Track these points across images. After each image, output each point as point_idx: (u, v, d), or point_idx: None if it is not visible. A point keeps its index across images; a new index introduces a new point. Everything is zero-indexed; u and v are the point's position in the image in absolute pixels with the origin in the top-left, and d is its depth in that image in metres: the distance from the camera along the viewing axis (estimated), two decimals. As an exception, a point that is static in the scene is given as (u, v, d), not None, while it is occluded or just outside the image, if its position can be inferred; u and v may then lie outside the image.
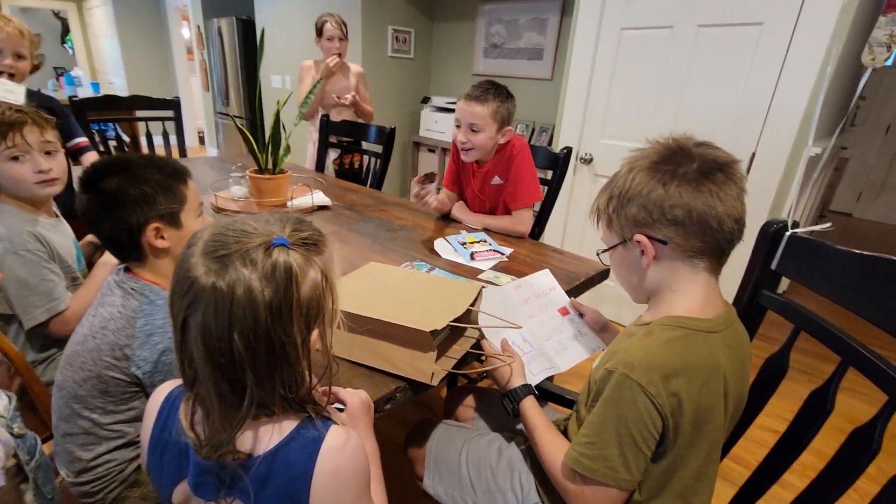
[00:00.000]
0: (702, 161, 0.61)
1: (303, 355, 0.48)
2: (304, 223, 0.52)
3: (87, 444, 0.74)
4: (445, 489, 0.83)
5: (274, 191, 1.53)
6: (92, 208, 0.73)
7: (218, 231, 0.48)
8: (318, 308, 0.49)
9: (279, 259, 0.46)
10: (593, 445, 0.61)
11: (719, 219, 0.59)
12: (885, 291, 0.57)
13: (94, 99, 2.29)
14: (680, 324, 0.62)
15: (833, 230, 3.72)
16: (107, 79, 6.50)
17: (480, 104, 1.31)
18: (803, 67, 1.65)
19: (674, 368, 0.57)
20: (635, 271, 0.67)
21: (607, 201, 0.67)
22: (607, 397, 0.60)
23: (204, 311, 0.44)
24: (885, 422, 0.56)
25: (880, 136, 4.58)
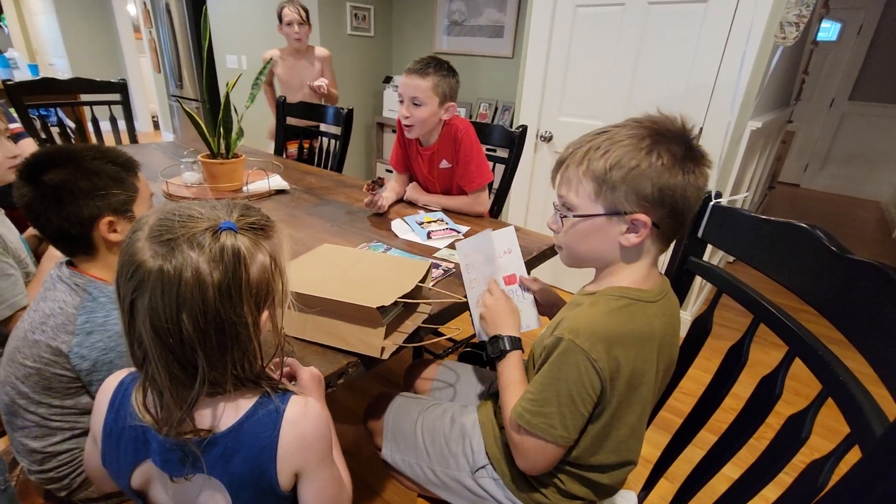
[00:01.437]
0: (699, 155, 0.63)
1: (253, 335, 0.50)
2: (251, 209, 0.53)
3: (40, 436, 0.74)
4: (402, 456, 0.87)
5: (228, 176, 1.51)
6: (36, 202, 0.70)
7: (164, 216, 0.48)
8: (267, 290, 0.51)
9: (227, 242, 0.47)
10: (535, 402, 0.65)
11: (692, 215, 0.66)
12: (789, 253, 0.63)
13: (32, 82, 2.14)
14: (624, 294, 0.66)
15: (781, 201, 3.90)
16: (47, 60, 6.08)
17: (421, 77, 1.31)
18: (744, 44, 1.72)
19: (615, 336, 0.62)
20: (606, 244, 0.67)
21: (609, 168, 0.62)
22: (553, 360, 0.64)
23: (151, 293, 0.45)
24: (786, 370, 0.62)
25: (825, 109, 4.82)
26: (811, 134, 4.94)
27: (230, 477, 0.51)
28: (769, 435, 0.62)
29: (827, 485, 0.49)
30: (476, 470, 0.81)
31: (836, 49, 4.62)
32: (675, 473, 0.81)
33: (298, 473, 0.54)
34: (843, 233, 3.79)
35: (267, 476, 0.52)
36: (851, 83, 4.63)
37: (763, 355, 0.69)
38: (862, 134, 4.72)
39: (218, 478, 0.51)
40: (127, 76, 5.36)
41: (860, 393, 0.49)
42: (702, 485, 0.74)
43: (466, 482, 0.81)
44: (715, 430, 0.73)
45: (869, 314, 0.49)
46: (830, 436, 0.53)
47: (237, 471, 0.51)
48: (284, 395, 0.54)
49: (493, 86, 3.24)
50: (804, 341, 0.59)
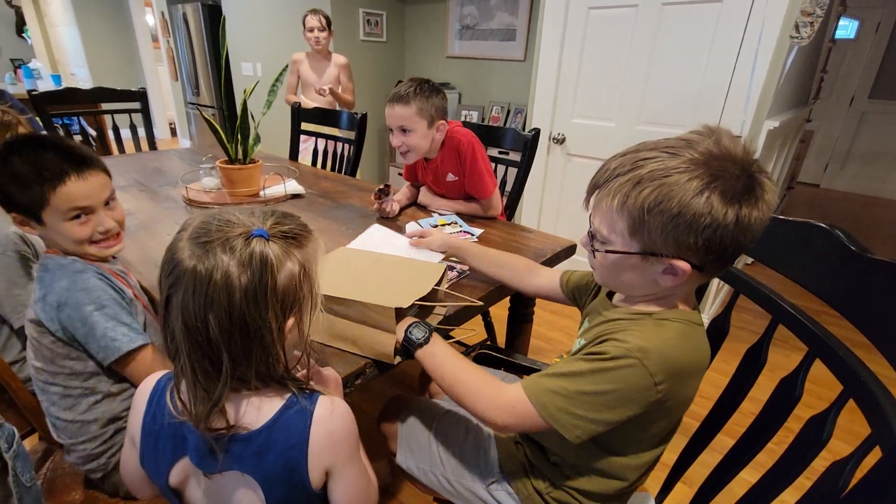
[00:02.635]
0: (761, 190, 0.54)
1: (277, 340, 0.52)
2: (289, 217, 0.55)
3: (67, 407, 0.79)
4: (417, 463, 0.87)
5: (245, 181, 1.54)
6: None
7: (207, 218, 0.52)
8: (294, 297, 0.52)
9: (256, 248, 0.49)
10: (568, 399, 0.59)
11: (746, 251, 0.57)
12: (808, 253, 0.62)
13: (55, 92, 2.22)
14: (686, 318, 0.61)
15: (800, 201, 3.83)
16: (68, 70, 6.25)
17: (403, 105, 1.30)
18: (760, 43, 1.71)
19: (682, 365, 0.58)
20: (642, 281, 0.61)
21: (647, 209, 0.54)
22: (609, 368, 0.57)
23: (184, 291, 0.48)
24: (806, 371, 0.62)
25: (844, 107, 4.72)
26: (831, 133, 4.84)
27: (263, 474, 0.53)
28: (787, 439, 0.62)
29: (848, 486, 0.48)
30: (490, 483, 0.80)
31: (854, 47, 4.53)
32: (692, 477, 0.81)
33: (329, 471, 0.56)
34: (865, 233, 3.71)
35: (298, 473, 0.54)
36: (871, 81, 4.53)
37: (783, 359, 0.69)
38: (883, 132, 4.61)
39: (251, 474, 0.53)
40: (145, 85, 5.49)
41: (882, 393, 0.49)
42: (720, 489, 0.73)
43: (480, 493, 0.81)
44: (733, 433, 0.73)
45: (890, 314, 0.49)
46: (850, 439, 0.52)
47: (270, 468, 0.53)
48: (312, 396, 0.56)
49: (505, 89, 3.25)
50: (824, 342, 0.58)
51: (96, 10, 5.57)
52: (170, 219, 1.37)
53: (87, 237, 0.78)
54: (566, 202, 2.44)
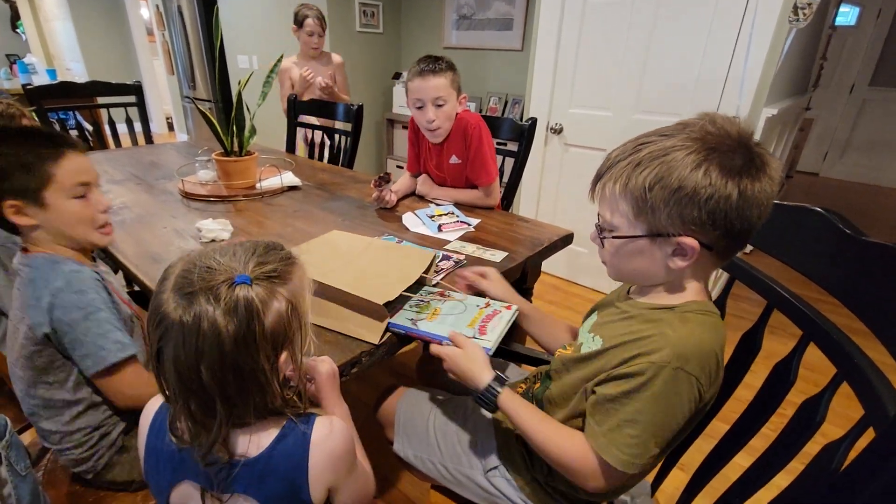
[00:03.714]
0: (764, 163, 0.54)
1: (271, 378, 0.52)
2: (271, 252, 0.55)
3: (49, 417, 0.78)
4: (414, 452, 0.88)
5: (241, 173, 1.53)
6: None
7: (187, 266, 0.51)
8: (285, 334, 0.52)
9: (240, 295, 0.48)
10: (645, 445, 0.58)
11: (757, 229, 0.57)
12: (804, 238, 0.62)
13: (50, 86, 2.20)
14: (705, 309, 0.60)
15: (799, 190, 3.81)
16: (64, 65, 6.21)
17: (438, 76, 1.28)
18: (759, 29, 1.69)
19: (717, 358, 0.58)
20: (654, 266, 0.60)
21: (648, 188, 0.55)
22: (659, 394, 0.56)
23: (174, 343, 0.48)
24: (800, 355, 0.62)
25: (844, 95, 4.69)
26: (830, 121, 4.82)
27: (266, 496, 0.54)
28: (781, 424, 0.62)
29: (841, 467, 0.48)
30: (489, 470, 0.81)
31: (854, 34, 4.49)
32: (687, 463, 0.81)
33: (331, 487, 0.57)
34: (865, 221, 3.70)
35: (301, 493, 0.54)
36: (872, 68, 4.50)
37: (780, 346, 0.68)
38: (884, 120, 4.58)
39: (254, 496, 0.54)
40: (141, 79, 5.46)
41: (875, 375, 0.49)
42: (714, 473, 0.74)
43: (479, 480, 0.81)
44: (727, 419, 0.73)
45: (886, 297, 0.49)
46: (844, 423, 0.53)
47: (272, 490, 0.54)
48: (309, 419, 0.56)
49: (502, 79, 3.23)
50: (818, 326, 0.58)
51: (91, 4, 5.53)
52: (166, 212, 1.37)
53: (90, 217, 0.77)
54: (564, 192, 2.43)
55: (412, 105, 1.35)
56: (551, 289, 2.50)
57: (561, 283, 2.56)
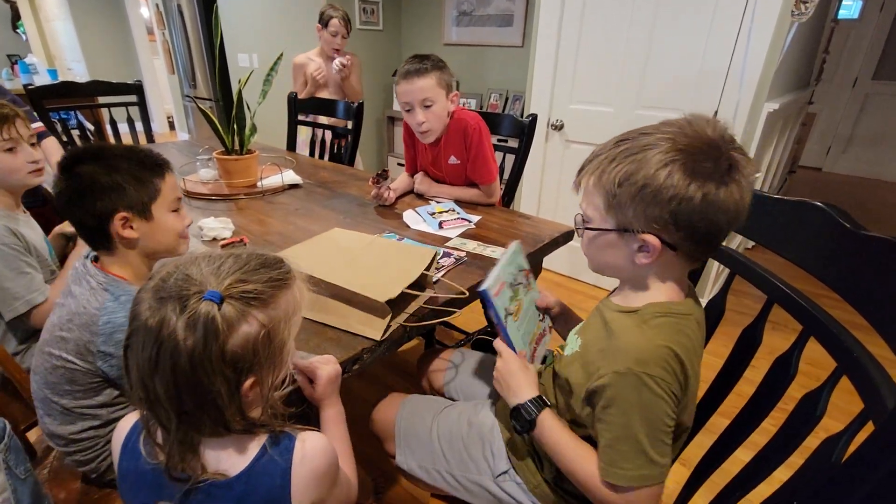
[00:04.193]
0: (737, 165, 0.54)
1: (229, 402, 0.49)
2: (261, 271, 0.52)
3: (63, 423, 0.77)
4: (419, 462, 0.86)
5: (242, 171, 1.54)
6: (64, 192, 0.74)
7: (171, 270, 0.50)
8: (251, 360, 0.49)
9: (202, 311, 0.46)
10: (643, 455, 0.58)
11: (726, 233, 0.57)
12: (804, 232, 0.62)
13: (51, 86, 2.20)
14: (669, 311, 0.61)
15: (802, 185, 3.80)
16: (65, 65, 6.22)
17: (424, 77, 1.27)
18: (761, 23, 1.68)
19: (678, 355, 0.58)
20: (622, 260, 0.62)
21: (618, 184, 0.57)
22: (631, 402, 0.57)
23: (137, 346, 0.47)
24: (801, 349, 0.62)
25: (847, 90, 4.66)
26: (833, 115, 4.79)
27: None
28: (782, 419, 0.62)
29: (841, 460, 0.48)
30: (498, 475, 0.80)
31: (857, 27, 4.46)
32: (688, 458, 0.81)
33: (315, 502, 0.56)
34: (868, 216, 3.69)
35: None
36: (875, 62, 4.47)
37: (781, 341, 0.68)
38: (887, 114, 4.55)
39: None
40: (142, 78, 5.46)
41: (875, 369, 0.49)
42: (715, 468, 0.74)
43: (489, 486, 0.80)
44: (728, 414, 0.73)
45: (886, 291, 0.49)
46: (842, 417, 0.53)
47: None
48: (289, 439, 0.54)
49: (503, 75, 3.22)
50: (818, 320, 0.59)
51: (91, 4, 5.53)
52: (168, 211, 1.37)
53: (181, 229, 0.84)
54: (565, 188, 2.43)
55: (402, 108, 1.35)
56: (553, 286, 2.50)
57: (563, 280, 2.56)
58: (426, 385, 1.09)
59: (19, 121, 1.03)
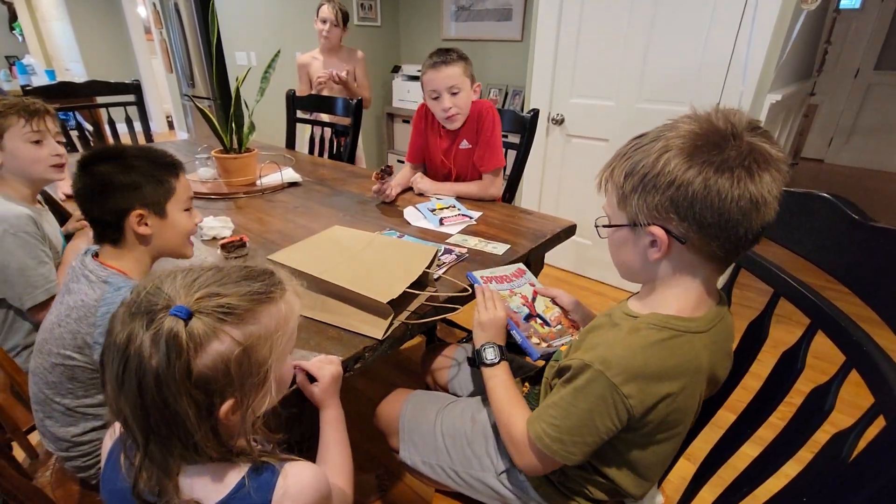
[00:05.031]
0: (752, 154, 0.51)
1: (200, 425, 0.46)
2: (240, 284, 0.48)
3: (65, 425, 0.77)
4: (422, 458, 0.86)
5: (241, 170, 1.53)
6: (84, 189, 0.76)
7: (146, 283, 0.48)
8: (224, 381, 0.46)
9: (166, 326, 0.43)
10: (558, 428, 0.60)
11: (749, 229, 0.53)
12: (810, 224, 0.61)
13: (49, 87, 2.20)
14: (667, 324, 0.58)
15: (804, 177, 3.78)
16: (63, 65, 6.20)
17: (450, 66, 1.33)
18: (761, 15, 1.66)
19: (654, 373, 0.56)
20: (637, 258, 0.61)
21: (624, 177, 0.57)
22: (579, 387, 0.58)
23: (109, 361, 0.45)
24: (808, 343, 0.61)
25: (849, 80, 4.63)
26: (835, 107, 4.76)
27: None
28: (789, 414, 0.61)
29: (850, 456, 0.48)
30: (501, 472, 0.80)
31: (859, 17, 4.42)
32: (694, 453, 0.81)
33: None
34: (871, 207, 3.61)
35: None
36: (877, 52, 4.43)
37: (787, 335, 0.68)
38: (889, 105, 4.52)
39: None
40: (140, 78, 5.44)
41: (885, 363, 0.48)
42: (721, 463, 0.73)
43: (492, 483, 0.80)
44: (735, 409, 0.72)
45: (894, 281, 0.48)
46: (851, 411, 0.52)
47: None
48: (270, 475, 0.50)
49: (502, 70, 3.20)
50: (826, 313, 0.58)
51: (88, 4, 5.51)
52: (167, 210, 1.36)
53: (192, 228, 0.85)
54: (566, 183, 2.41)
55: (428, 97, 1.40)
56: (557, 282, 2.49)
57: (568, 276, 2.55)
58: (430, 381, 1.09)
59: (49, 116, 1.08)
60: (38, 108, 1.06)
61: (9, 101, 1.05)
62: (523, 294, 0.93)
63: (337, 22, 2.33)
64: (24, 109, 1.04)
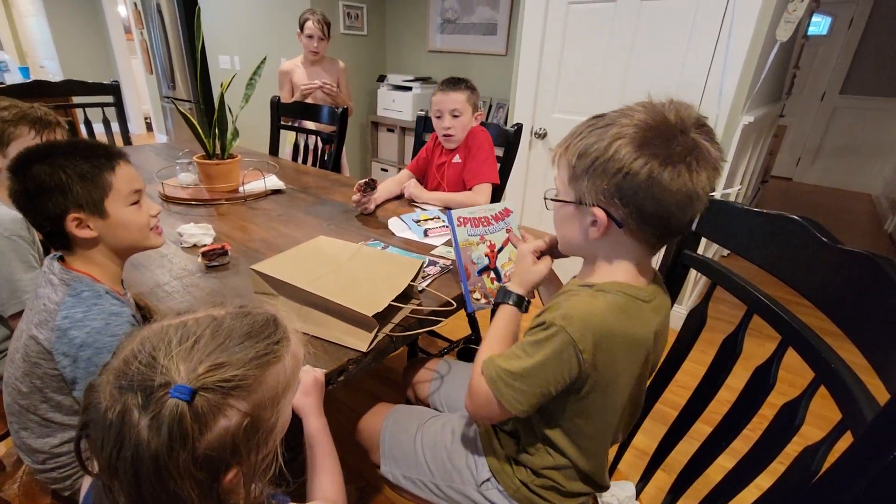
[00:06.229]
0: (695, 151, 0.55)
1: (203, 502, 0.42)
2: (245, 346, 0.44)
3: (41, 436, 0.74)
4: (403, 472, 0.86)
5: (224, 176, 1.51)
6: (18, 195, 0.71)
7: (135, 350, 0.42)
8: (230, 455, 0.42)
9: (169, 410, 0.39)
10: (510, 374, 0.63)
11: (682, 220, 0.59)
12: (782, 245, 0.64)
13: (23, 85, 2.13)
14: (623, 290, 0.63)
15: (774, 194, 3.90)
16: (37, 63, 6.03)
17: (457, 91, 1.47)
18: (735, 42, 1.74)
19: (609, 332, 0.60)
20: (579, 234, 0.66)
21: (577, 157, 0.60)
22: (539, 340, 0.62)
23: (95, 436, 0.41)
24: (780, 359, 0.64)
25: (816, 103, 4.85)
26: (803, 128, 4.98)
27: None
28: (762, 426, 0.63)
29: (820, 470, 0.50)
30: (481, 483, 0.80)
31: (826, 43, 4.65)
32: (671, 464, 0.83)
33: None
34: (836, 225, 3.83)
35: None
36: (842, 77, 4.66)
37: (758, 348, 0.70)
38: (853, 127, 4.76)
39: None
40: (118, 78, 5.32)
41: (851, 380, 0.50)
42: (698, 475, 0.75)
43: (472, 496, 0.80)
44: (710, 421, 0.75)
45: (860, 302, 0.50)
46: (822, 424, 0.54)
47: None
48: None
49: (487, 83, 3.24)
50: (796, 331, 0.60)
51: (66, 1, 5.38)
52: (145, 216, 1.33)
53: (146, 222, 0.79)
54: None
55: (434, 115, 1.53)
56: (536, 292, 2.52)
57: (545, 286, 2.58)
58: (411, 395, 1.08)
59: (59, 129, 1.07)
60: (51, 119, 1.04)
61: (20, 110, 1.01)
62: (492, 242, 0.95)
63: (323, 35, 2.36)
64: (38, 121, 1.01)
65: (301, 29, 2.36)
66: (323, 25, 2.35)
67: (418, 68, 3.55)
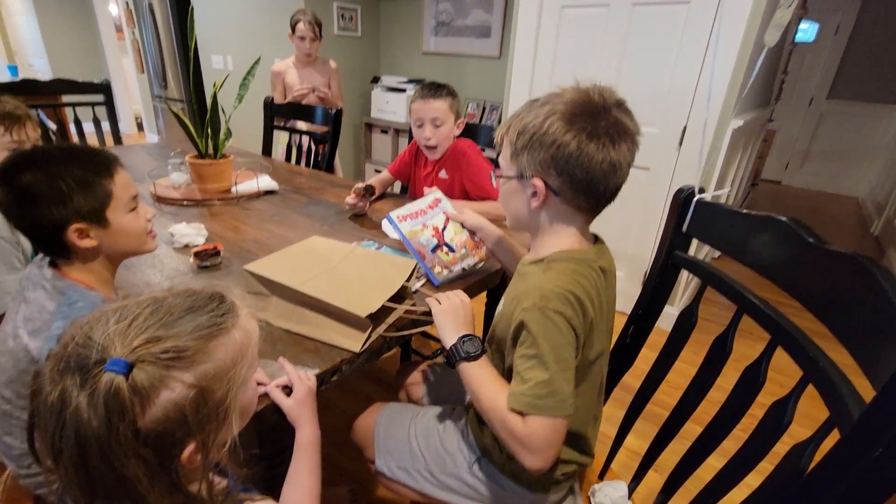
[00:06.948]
0: (616, 126, 0.64)
1: (152, 485, 0.41)
2: (186, 319, 0.43)
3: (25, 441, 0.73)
4: (398, 464, 0.87)
5: (216, 176, 1.50)
6: (9, 204, 0.67)
7: (72, 332, 0.42)
8: (181, 430, 0.41)
9: (104, 384, 0.38)
10: (541, 384, 0.60)
11: (609, 189, 0.67)
12: (770, 246, 0.65)
13: (11, 84, 2.10)
14: (571, 256, 0.69)
15: (763, 197, 3.95)
16: (26, 61, 5.95)
17: (438, 99, 1.39)
18: (726, 44, 1.76)
19: (577, 294, 0.64)
20: (523, 207, 0.71)
21: (517, 135, 0.67)
22: (536, 335, 0.62)
23: (41, 426, 0.40)
24: (769, 359, 0.65)
25: (804, 108, 4.93)
26: (791, 132, 5.05)
27: None
28: (751, 426, 0.64)
29: (808, 467, 0.50)
30: (473, 463, 0.81)
31: (813, 49, 4.72)
32: (662, 464, 0.83)
33: None
34: (823, 228, 3.88)
35: None
36: (829, 82, 4.74)
37: (748, 348, 0.71)
38: (840, 131, 4.84)
39: None
40: (109, 77, 5.27)
41: (839, 378, 0.51)
42: (689, 474, 0.76)
43: (465, 478, 0.82)
44: (701, 421, 0.75)
45: (846, 302, 0.51)
46: (810, 423, 0.55)
47: None
48: None
49: (480, 86, 3.26)
50: (785, 330, 0.61)
51: None
52: (136, 216, 1.32)
53: (143, 228, 0.78)
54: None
55: (414, 124, 1.45)
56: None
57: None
58: (404, 397, 1.09)
59: (30, 122, 1.04)
60: (19, 114, 1.02)
61: None
62: (435, 225, 1.00)
63: (315, 36, 2.36)
64: (6, 116, 0.98)
65: (293, 30, 2.36)
66: (314, 26, 2.35)
67: (412, 70, 3.55)
